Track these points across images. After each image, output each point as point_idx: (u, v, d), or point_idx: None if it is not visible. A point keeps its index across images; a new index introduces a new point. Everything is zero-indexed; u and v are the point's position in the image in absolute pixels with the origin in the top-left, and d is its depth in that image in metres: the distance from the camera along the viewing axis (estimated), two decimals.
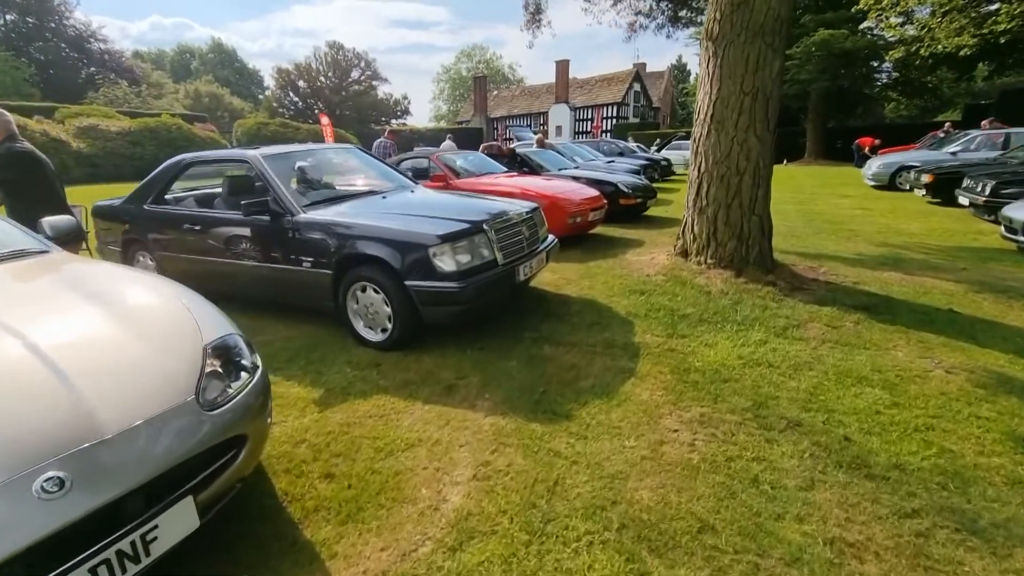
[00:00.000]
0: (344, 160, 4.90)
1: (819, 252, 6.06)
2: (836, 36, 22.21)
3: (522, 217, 3.85)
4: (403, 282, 3.28)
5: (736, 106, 4.43)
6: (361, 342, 3.60)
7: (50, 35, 42.13)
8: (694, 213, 4.89)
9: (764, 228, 4.68)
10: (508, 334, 3.69)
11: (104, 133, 24.83)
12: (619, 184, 8.28)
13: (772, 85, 4.38)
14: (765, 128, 4.45)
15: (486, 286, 3.34)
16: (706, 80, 4.63)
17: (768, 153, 4.54)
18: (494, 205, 3.95)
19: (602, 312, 4.05)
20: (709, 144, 4.64)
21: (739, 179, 4.54)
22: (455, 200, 4.32)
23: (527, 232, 3.82)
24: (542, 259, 3.94)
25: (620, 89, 42.03)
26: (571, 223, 6.17)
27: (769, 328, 3.66)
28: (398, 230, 3.34)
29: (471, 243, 3.38)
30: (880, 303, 4.15)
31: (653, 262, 5.22)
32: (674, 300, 4.22)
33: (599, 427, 2.53)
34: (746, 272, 4.58)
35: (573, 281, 4.89)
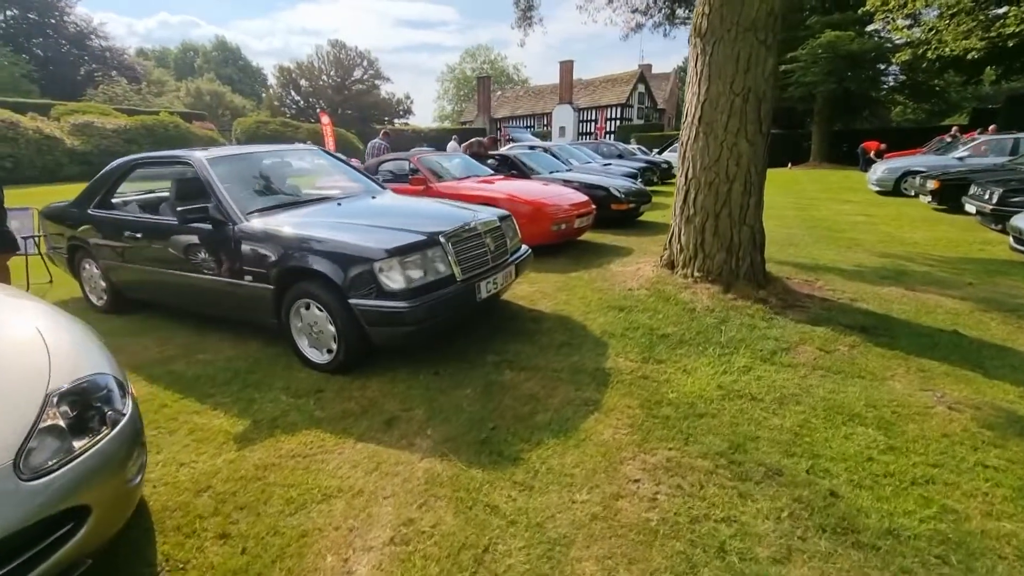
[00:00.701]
0: (304, 163, 4.59)
1: (817, 263, 5.72)
2: (842, 38, 21.80)
3: (488, 227, 3.52)
4: (347, 300, 2.96)
5: (725, 107, 4.10)
6: (307, 363, 3.28)
7: (51, 31, 42.06)
8: (681, 222, 4.55)
9: (756, 239, 4.34)
10: (469, 356, 3.37)
11: (99, 131, 24.63)
12: (611, 188, 7.95)
13: (765, 85, 4.05)
14: (757, 131, 4.11)
15: (441, 305, 3.02)
16: (694, 79, 4.30)
17: (760, 158, 4.21)
18: (458, 214, 3.63)
19: (575, 331, 3.72)
20: (697, 148, 4.31)
21: (728, 186, 4.20)
22: (417, 207, 4.00)
23: (492, 244, 3.50)
24: (510, 273, 3.62)
25: (624, 90, 41.68)
26: (555, 230, 5.84)
27: (755, 352, 3.33)
28: (342, 242, 3.02)
29: (424, 257, 3.05)
30: (879, 323, 3.80)
31: (638, 274, 4.89)
32: (655, 318, 3.89)
33: (548, 475, 2.20)
34: (735, 287, 4.24)
35: (549, 295, 4.56)
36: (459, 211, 3.75)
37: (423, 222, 3.38)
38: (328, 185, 4.56)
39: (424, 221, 3.41)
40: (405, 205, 4.02)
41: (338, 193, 4.05)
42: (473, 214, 3.55)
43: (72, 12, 42.97)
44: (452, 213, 3.67)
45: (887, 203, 11.12)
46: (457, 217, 3.51)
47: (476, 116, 46.27)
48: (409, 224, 3.30)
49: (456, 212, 3.71)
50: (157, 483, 2.23)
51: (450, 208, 3.92)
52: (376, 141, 9.81)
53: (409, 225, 3.28)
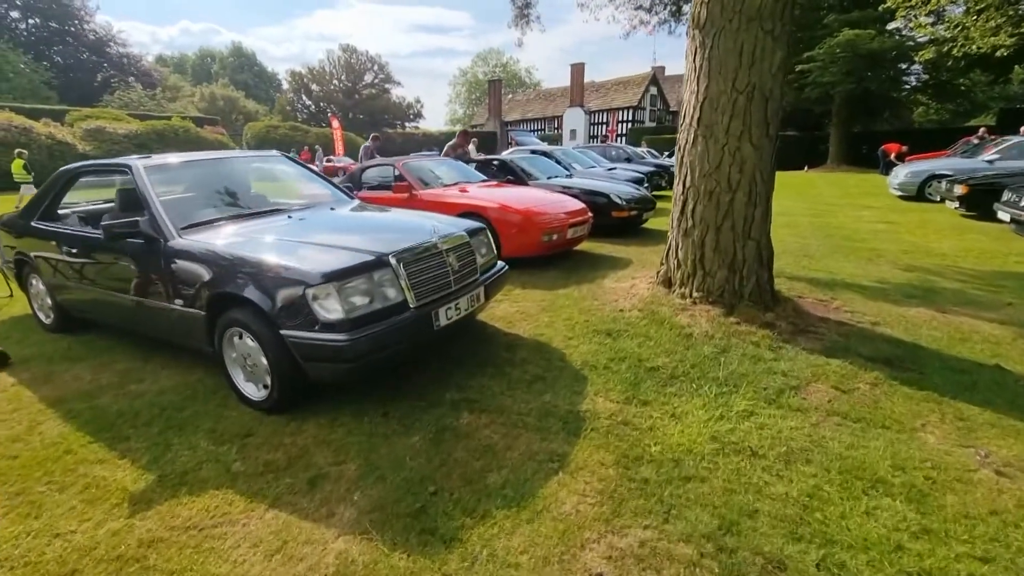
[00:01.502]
0: (265, 171, 4.22)
1: (834, 278, 5.19)
2: (862, 36, 21.04)
3: (452, 243, 3.10)
4: (278, 331, 2.56)
5: (727, 107, 3.63)
6: (243, 399, 2.89)
7: (71, 39, 42.84)
8: (678, 235, 4.08)
9: (762, 255, 3.85)
10: (427, 392, 2.94)
11: (111, 136, 24.82)
12: (611, 195, 7.49)
13: (772, 82, 3.57)
14: (763, 134, 3.64)
15: (389, 336, 2.60)
16: (692, 76, 3.83)
17: (767, 165, 3.73)
18: (419, 229, 3.21)
19: (552, 362, 3.27)
20: (695, 153, 3.84)
21: (731, 196, 3.73)
22: (377, 221, 3.59)
23: (457, 263, 3.07)
24: (477, 296, 3.19)
25: (636, 93, 41.12)
26: (545, 241, 5.40)
27: (759, 391, 2.85)
28: (273, 264, 2.62)
29: (370, 281, 2.64)
30: (905, 355, 3.30)
31: (631, 292, 4.42)
32: (645, 346, 3.42)
33: (489, 563, 1.76)
34: (739, 309, 3.76)
35: (531, 316, 4.11)
36: (423, 224, 3.33)
37: (376, 239, 2.98)
38: (289, 195, 4.19)
39: (377, 238, 3.01)
40: (364, 218, 3.60)
41: (294, 205, 3.66)
42: (435, 228, 3.13)
43: (92, 20, 43.75)
44: (413, 227, 3.25)
45: (910, 209, 10.48)
46: (417, 233, 3.09)
47: (487, 119, 46.04)
48: (359, 242, 2.90)
49: (419, 226, 3.29)
50: (17, 563, 1.84)
51: (415, 221, 3.51)
52: (366, 145, 9.46)
53: (358, 243, 2.87)
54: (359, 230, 3.18)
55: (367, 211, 3.80)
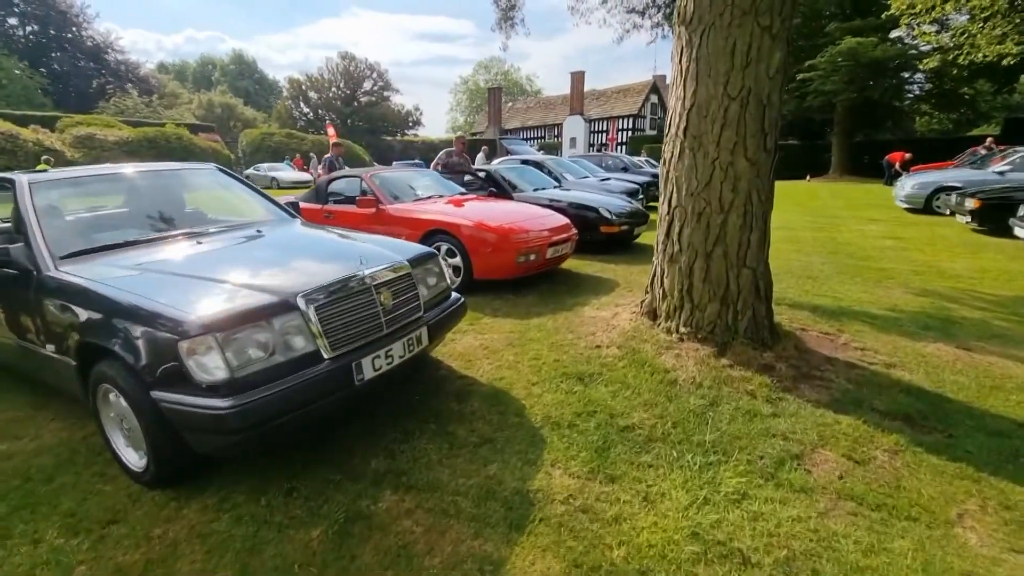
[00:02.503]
0: (193, 186, 3.72)
1: (840, 304, 4.67)
2: (864, 45, 20.63)
3: (385, 277, 2.58)
4: (149, 392, 2.04)
5: (718, 116, 3.12)
6: (124, 467, 2.36)
7: (68, 46, 42.65)
8: (664, 261, 3.57)
9: (759, 286, 3.33)
10: (350, 459, 2.41)
11: (101, 143, 24.44)
12: (601, 209, 7.00)
13: (770, 86, 3.07)
14: (760, 147, 3.13)
15: (290, 399, 2.08)
16: (679, 80, 3.33)
17: (764, 182, 3.22)
18: (349, 256, 2.69)
19: (508, 416, 2.74)
20: (682, 168, 3.33)
21: (723, 218, 3.22)
22: (300, 249, 3.04)
23: (391, 300, 2.56)
24: (418, 339, 2.66)
25: (637, 101, 40.81)
26: (521, 262, 4.89)
27: (754, 461, 2.32)
28: (145, 308, 2.10)
29: (269, 329, 2.12)
30: (929, 409, 2.77)
31: (612, 324, 3.90)
32: (621, 396, 2.90)
33: None
34: (732, 348, 3.23)
35: (495, 352, 3.59)
36: (352, 252, 2.82)
37: (287, 274, 2.46)
38: (220, 214, 3.68)
39: (290, 272, 2.49)
40: (287, 245, 3.06)
41: (212, 228, 3.15)
42: (362, 258, 2.60)
43: (90, 27, 43.59)
44: (340, 257, 2.73)
45: (918, 223, 9.97)
46: (340, 264, 2.57)
47: (487, 127, 45.74)
48: (266, 278, 2.39)
49: (347, 255, 2.78)
50: None
51: (346, 248, 3.00)
52: (328, 157, 8.95)
53: (265, 280, 2.36)
54: (273, 261, 2.66)
55: (299, 235, 3.27)
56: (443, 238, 5.02)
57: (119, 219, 3.18)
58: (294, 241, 3.12)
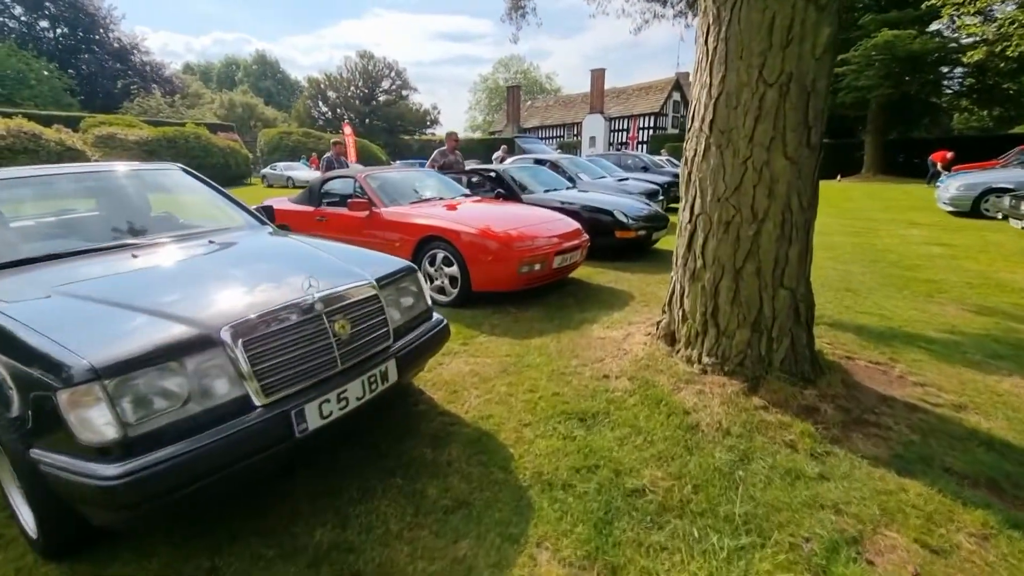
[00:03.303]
0: (154, 188, 3.32)
1: (889, 324, 4.08)
2: (902, 37, 19.58)
3: (340, 301, 2.13)
4: (28, 449, 1.62)
5: (752, 106, 2.60)
6: (22, 530, 1.96)
7: (96, 47, 43.51)
8: (684, 278, 3.05)
9: (799, 310, 2.79)
10: (283, 529, 1.96)
11: (122, 142, 24.68)
12: (616, 212, 6.47)
13: (816, 70, 2.53)
14: (802, 142, 2.59)
15: (202, 462, 1.64)
16: (704, 64, 2.81)
17: (807, 185, 2.68)
18: (298, 273, 2.25)
19: (491, 471, 2.26)
20: (706, 169, 2.81)
21: (756, 228, 2.69)
22: (253, 263, 2.60)
23: (348, 328, 2.10)
24: (383, 375, 2.20)
25: (658, 99, 39.92)
26: (524, 273, 4.40)
27: (799, 547, 1.80)
28: (29, 345, 1.68)
29: (180, 371, 1.69)
30: (1019, 472, 2.21)
31: (623, 347, 3.39)
32: (630, 445, 2.40)
33: None
34: (766, 384, 2.71)
35: (486, 380, 3.11)
36: (316, 268, 2.37)
37: (221, 298, 2.02)
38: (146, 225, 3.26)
39: (225, 296, 2.05)
40: (239, 260, 2.59)
41: (159, 238, 2.73)
42: (311, 278, 2.13)
43: (116, 28, 44.41)
44: (288, 274, 2.27)
45: (966, 227, 9.18)
46: (284, 285, 2.12)
47: (505, 126, 45.33)
48: (188, 305, 1.94)
49: (307, 271, 2.33)
50: None
51: (311, 263, 2.54)
52: (328, 155, 8.58)
53: (186, 307, 1.92)
54: (210, 282, 2.20)
55: (258, 247, 2.82)
56: (439, 245, 4.57)
57: (60, 227, 2.79)
58: (249, 255, 2.68)
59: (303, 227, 5.75)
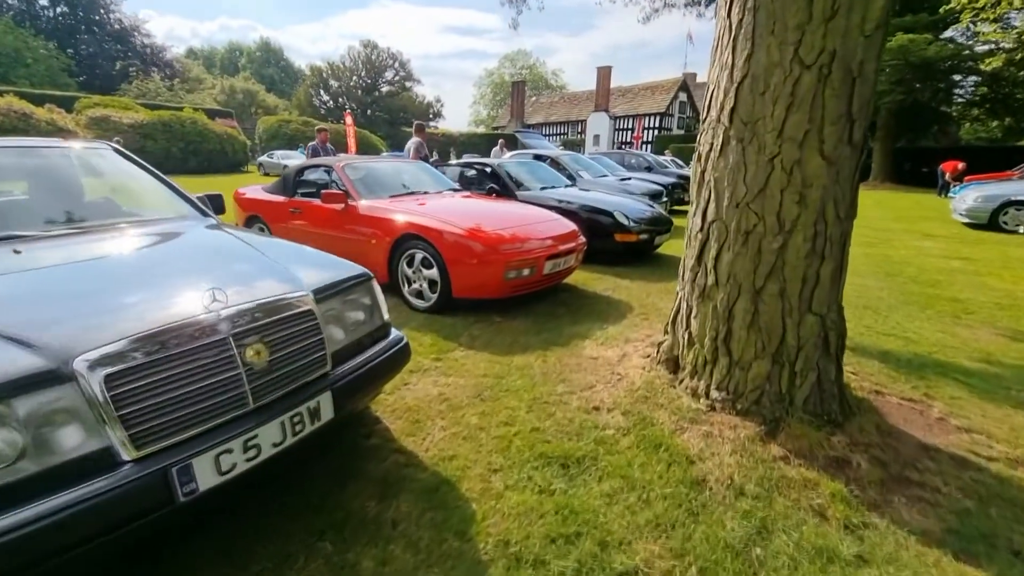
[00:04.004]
0: (83, 168, 2.83)
1: (916, 351, 3.63)
2: (917, 42, 19.06)
3: (253, 321, 1.66)
4: None
5: (784, 92, 2.14)
6: None
7: (96, 28, 42.88)
8: (692, 296, 2.59)
9: (828, 340, 2.34)
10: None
11: (116, 125, 24.12)
12: (616, 213, 6.00)
13: (864, 49, 2.07)
14: (842, 139, 2.13)
15: (36, 543, 1.19)
16: (725, 42, 2.35)
17: (846, 191, 2.23)
18: (227, 278, 1.78)
19: (445, 536, 1.81)
20: (724, 168, 2.35)
21: (782, 240, 2.23)
22: (164, 265, 2.11)
23: (265, 357, 1.64)
24: (313, 414, 1.75)
25: (664, 98, 39.37)
26: (511, 279, 3.94)
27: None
28: None
29: (8, 418, 1.23)
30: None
31: (618, 372, 2.94)
32: (620, 503, 1.94)
33: None
34: (788, 428, 2.26)
35: (456, 409, 2.65)
36: (237, 274, 1.91)
37: (89, 312, 1.56)
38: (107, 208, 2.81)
39: (97, 309, 1.58)
40: (146, 262, 2.11)
41: (60, 229, 2.26)
42: (216, 289, 1.67)
43: (117, 9, 43.75)
44: (209, 279, 1.81)
45: (983, 240, 8.72)
46: (179, 298, 1.65)
47: (509, 121, 44.77)
48: (41, 326, 1.48)
49: (225, 277, 1.86)
50: None
51: (237, 265, 2.07)
52: (313, 144, 8.11)
53: (36, 329, 1.45)
54: (87, 289, 1.71)
55: (183, 244, 2.34)
56: (418, 244, 4.10)
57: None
58: (163, 254, 2.20)
59: (276, 219, 5.29)
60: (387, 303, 4.35)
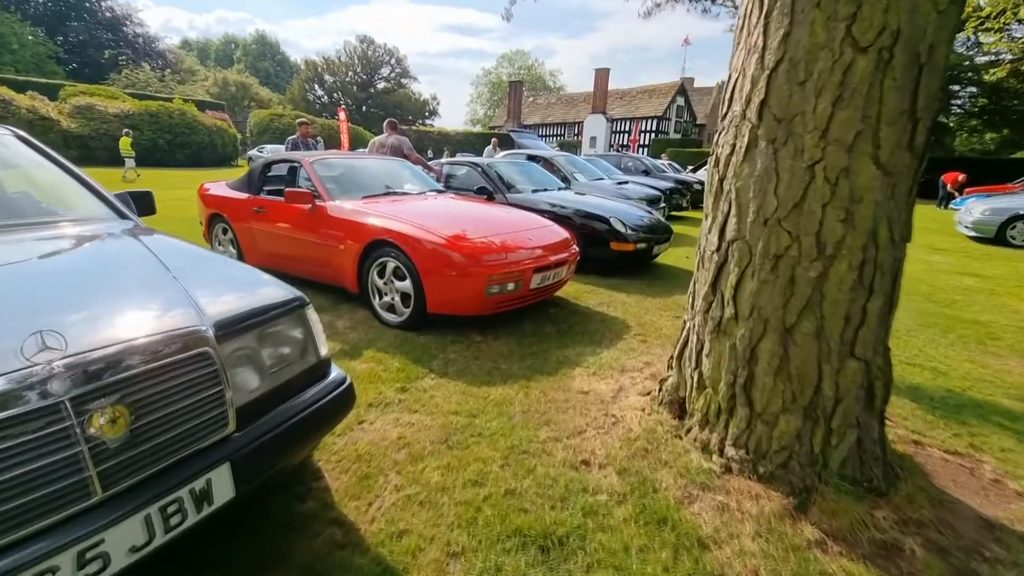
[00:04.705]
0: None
1: (949, 386, 3.21)
2: None
3: (108, 375, 1.19)
4: None
5: (831, 81, 1.69)
6: None
7: (87, 15, 42.03)
8: (704, 329, 2.14)
9: (873, 390, 1.90)
10: None
11: (101, 114, 23.45)
12: (612, 220, 5.56)
13: (936, 31, 1.63)
14: (901, 143, 1.70)
15: None
16: (755, 18, 1.90)
17: (903, 207, 1.79)
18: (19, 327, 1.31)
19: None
20: (749, 175, 1.90)
21: (822, 267, 1.79)
22: (31, 290, 1.64)
23: (119, 426, 1.17)
24: (200, 498, 1.28)
25: (662, 102, 39.08)
26: (493, 294, 3.48)
27: None
28: None
29: None
30: None
31: (612, 414, 2.48)
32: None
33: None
34: (821, 500, 1.81)
35: (415, 460, 2.18)
36: (122, 296, 1.44)
37: None
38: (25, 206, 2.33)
39: None
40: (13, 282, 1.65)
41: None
42: (42, 332, 1.19)
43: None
44: (60, 312, 1.34)
45: (992, 255, 8.37)
46: (9, 346, 1.18)
47: (505, 121, 44.32)
48: None
49: (94, 301, 1.39)
50: None
51: (120, 290, 1.60)
52: (292, 137, 7.60)
53: None
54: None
55: (65, 259, 1.84)
56: (390, 252, 3.64)
57: None
58: (30, 275, 1.72)
59: (239, 218, 4.81)
60: (356, 316, 3.91)
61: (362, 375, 2.96)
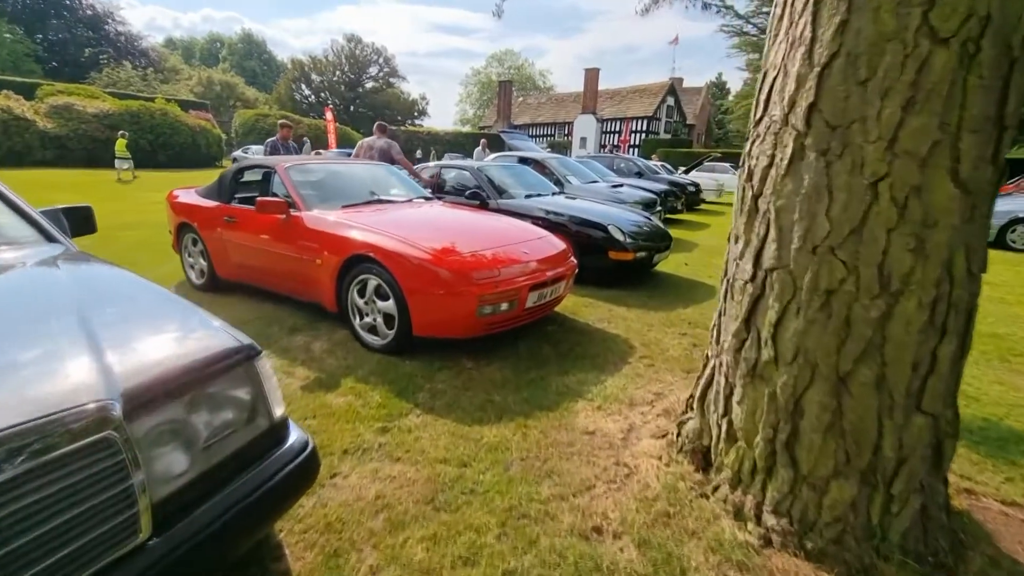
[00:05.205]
0: None
1: (982, 414, 2.94)
2: None
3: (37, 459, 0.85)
4: None
5: (901, 81, 1.38)
6: None
7: (67, 13, 41.03)
8: (735, 370, 1.82)
9: (942, 449, 1.60)
10: None
11: (79, 114, 22.74)
12: (611, 228, 5.25)
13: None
14: (985, 156, 1.39)
15: None
16: (799, 7, 1.58)
17: (981, 232, 1.48)
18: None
19: None
20: (792, 191, 1.59)
21: (885, 305, 1.48)
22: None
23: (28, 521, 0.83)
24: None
25: (652, 102, 38.96)
26: (486, 315, 3.15)
27: None
28: None
29: None
30: None
31: (625, 462, 2.16)
32: None
33: None
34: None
35: (396, 528, 1.84)
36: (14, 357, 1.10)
37: None
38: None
39: None
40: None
41: None
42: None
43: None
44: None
45: (994, 261, 8.09)
46: None
47: (495, 121, 43.96)
48: None
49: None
50: None
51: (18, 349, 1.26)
52: (271, 140, 7.19)
53: None
54: None
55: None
56: (371, 268, 3.29)
57: None
58: None
59: (208, 227, 4.43)
60: (336, 336, 3.55)
61: (338, 411, 2.62)
